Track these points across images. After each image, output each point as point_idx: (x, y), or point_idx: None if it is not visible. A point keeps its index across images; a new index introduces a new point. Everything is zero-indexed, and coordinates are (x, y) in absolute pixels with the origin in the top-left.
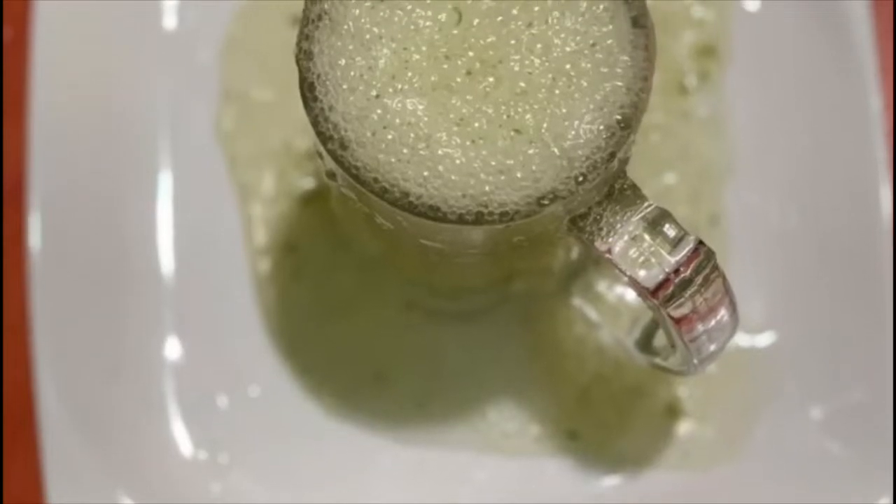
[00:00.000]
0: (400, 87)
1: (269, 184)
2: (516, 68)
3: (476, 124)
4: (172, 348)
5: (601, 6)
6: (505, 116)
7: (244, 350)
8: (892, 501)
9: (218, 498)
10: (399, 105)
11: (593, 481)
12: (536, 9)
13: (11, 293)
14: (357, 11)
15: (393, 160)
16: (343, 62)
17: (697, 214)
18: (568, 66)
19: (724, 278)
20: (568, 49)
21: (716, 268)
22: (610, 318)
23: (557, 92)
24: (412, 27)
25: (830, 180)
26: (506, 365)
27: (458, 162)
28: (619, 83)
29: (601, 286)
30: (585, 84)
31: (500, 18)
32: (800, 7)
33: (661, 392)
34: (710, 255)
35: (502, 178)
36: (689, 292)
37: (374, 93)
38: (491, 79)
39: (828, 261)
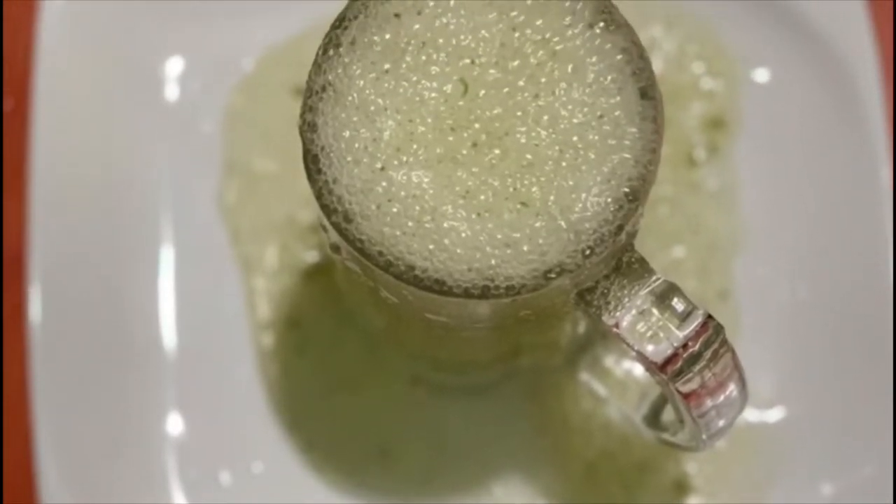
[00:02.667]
0: (405, 159)
1: (273, 257)
2: (523, 140)
3: (482, 197)
4: (174, 424)
5: (609, 77)
6: (511, 189)
7: (247, 426)
8: None
9: None
10: (404, 177)
11: None
12: (543, 80)
13: (11, 367)
14: (362, 83)
15: (398, 233)
16: (347, 134)
17: (706, 288)
18: (575, 138)
19: (734, 353)
20: (575, 121)
21: (725, 342)
22: (617, 393)
23: (564, 164)
24: (417, 99)
25: (840, 254)
26: (512, 440)
27: (463, 235)
28: (627, 155)
29: (608, 361)
30: (593, 156)
31: (506, 90)
32: (809, 79)
33: (670, 468)
34: (719, 329)
35: (508, 251)
36: (697, 367)
37: (378, 165)
38: (497, 151)
39: (837, 336)
